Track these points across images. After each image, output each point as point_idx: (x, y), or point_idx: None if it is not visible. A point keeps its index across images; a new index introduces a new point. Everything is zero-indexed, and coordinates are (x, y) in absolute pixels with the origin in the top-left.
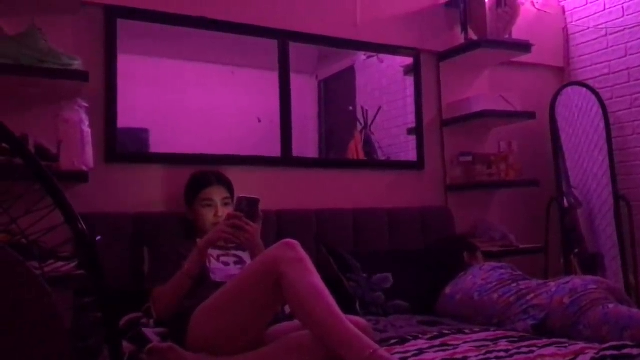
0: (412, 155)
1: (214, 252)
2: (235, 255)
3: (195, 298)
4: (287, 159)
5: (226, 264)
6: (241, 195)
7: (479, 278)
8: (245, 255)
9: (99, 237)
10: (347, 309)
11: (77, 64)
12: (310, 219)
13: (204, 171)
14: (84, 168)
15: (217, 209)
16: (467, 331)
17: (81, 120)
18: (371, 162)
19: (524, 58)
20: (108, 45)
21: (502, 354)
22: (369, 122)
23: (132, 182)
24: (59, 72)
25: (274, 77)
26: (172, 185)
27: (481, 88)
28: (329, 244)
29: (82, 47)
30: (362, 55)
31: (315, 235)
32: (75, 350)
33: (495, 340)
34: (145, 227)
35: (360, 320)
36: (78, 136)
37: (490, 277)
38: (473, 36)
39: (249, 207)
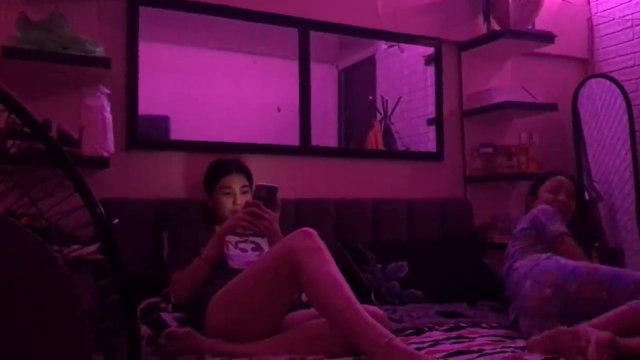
0: (431, 146)
1: (233, 239)
2: (253, 242)
3: (213, 284)
4: (305, 148)
5: (244, 250)
6: (260, 184)
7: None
8: (263, 242)
9: (116, 220)
10: (363, 300)
11: (100, 51)
12: (328, 209)
13: (224, 159)
14: (105, 154)
15: (236, 197)
16: (484, 325)
17: (103, 107)
18: (390, 152)
19: (547, 49)
20: (130, 32)
21: (518, 351)
22: (389, 112)
23: (153, 169)
24: (82, 59)
25: (294, 66)
26: (192, 172)
27: (503, 79)
28: (345, 235)
29: (104, 34)
30: (382, 45)
31: (333, 227)
32: (95, 332)
33: (513, 338)
34: (166, 213)
35: (377, 310)
36: (100, 122)
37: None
38: (495, 26)
39: (267, 195)
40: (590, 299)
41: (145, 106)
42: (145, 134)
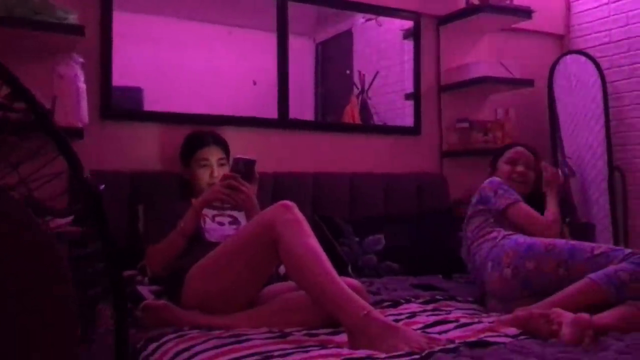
0: (409, 121)
1: (209, 212)
2: (230, 216)
3: (189, 257)
4: (283, 122)
5: (221, 224)
6: (237, 156)
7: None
8: (240, 216)
9: (102, 186)
10: (341, 272)
11: (72, 18)
12: (306, 183)
13: (200, 131)
14: (79, 124)
15: (213, 169)
16: (459, 299)
17: (76, 76)
18: (368, 126)
19: (525, 25)
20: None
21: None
22: (366, 86)
23: (128, 140)
24: (54, 26)
25: (271, 39)
26: (168, 144)
27: (481, 54)
28: (322, 209)
29: (77, 1)
30: (360, 19)
31: (311, 201)
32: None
33: (487, 312)
34: (142, 185)
35: (355, 282)
36: (73, 92)
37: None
38: (474, 1)
39: (245, 168)
40: (549, 275)
41: (118, 77)
42: (119, 105)
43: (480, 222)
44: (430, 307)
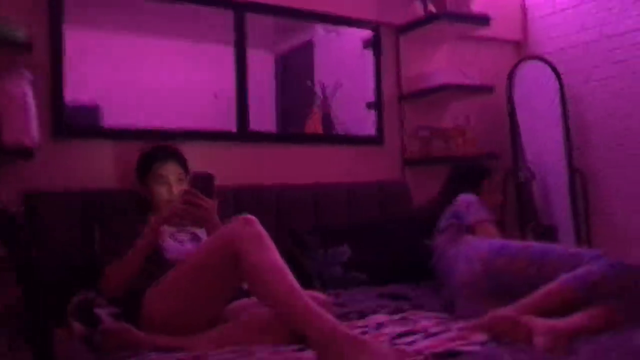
0: (371, 130)
1: (168, 230)
2: (190, 233)
3: (148, 277)
4: (243, 134)
5: (181, 241)
6: (196, 172)
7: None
8: (200, 232)
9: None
10: (306, 285)
11: (20, 34)
12: (269, 196)
13: (157, 146)
14: (28, 143)
15: (171, 186)
16: (425, 307)
17: (25, 93)
18: (330, 136)
19: (483, 32)
20: (53, 14)
21: (463, 332)
22: (328, 97)
23: (82, 158)
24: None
25: (230, 51)
26: (124, 161)
27: (441, 62)
28: (286, 222)
29: (25, 17)
30: (320, 30)
31: (274, 214)
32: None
33: (455, 319)
34: (96, 204)
35: (319, 295)
36: (21, 109)
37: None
38: (433, 9)
39: (204, 183)
40: (519, 274)
41: (74, 95)
42: (75, 123)
43: (450, 235)
44: (397, 317)
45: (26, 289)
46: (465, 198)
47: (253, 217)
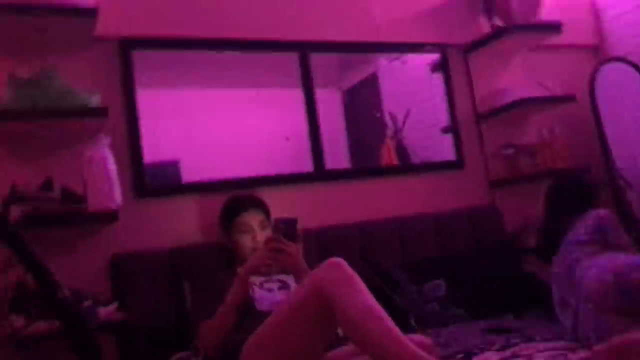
0: (449, 155)
1: (257, 280)
2: (279, 281)
3: (243, 331)
4: (320, 173)
5: (270, 290)
6: (278, 217)
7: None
8: (289, 279)
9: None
10: (402, 326)
11: (95, 100)
12: (352, 234)
13: (237, 196)
14: (112, 206)
15: (255, 233)
16: (537, 338)
17: (105, 158)
18: (407, 166)
19: (556, 40)
20: (125, 78)
21: None
22: (399, 126)
23: (165, 216)
24: (77, 111)
25: (296, 94)
26: (207, 214)
27: (515, 76)
28: (372, 259)
29: (98, 83)
30: (383, 61)
31: (359, 252)
32: None
33: (573, 349)
34: (183, 260)
35: (422, 338)
36: (103, 174)
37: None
38: (499, 23)
39: (287, 228)
40: None
41: (154, 153)
42: (154, 182)
43: (594, 248)
44: (508, 353)
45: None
46: (607, 214)
47: (341, 260)
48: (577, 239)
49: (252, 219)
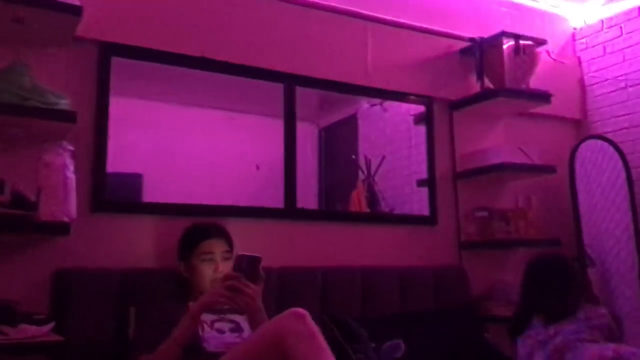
0: (419, 207)
1: (208, 318)
2: (231, 321)
3: None
4: (291, 211)
5: (221, 331)
6: (241, 253)
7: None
8: (242, 320)
9: None
10: None
11: (65, 103)
12: (315, 278)
13: (203, 222)
14: (65, 219)
15: (218, 264)
16: None
17: (65, 165)
18: (382, 215)
19: (541, 109)
20: (100, 84)
21: None
22: (372, 171)
23: (120, 234)
24: (43, 112)
25: (274, 124)
26: (165, 238)
27: (497, 139)
28: (333, 307)
29: (71, 85)
30: (365, 104)
31: (320, 298)
32: None
33: None
34: (133, 284)
35: None
36: (60, 182)
37: None
38: (489, 84)
39: (249, 266)
40: None
41: (117, 163)
42: (115, 193)
43: (591, 337)
44: None
45: None
46: (606, 314)
47: (305, 312)
48: (579, 336)
49: (216, 247)
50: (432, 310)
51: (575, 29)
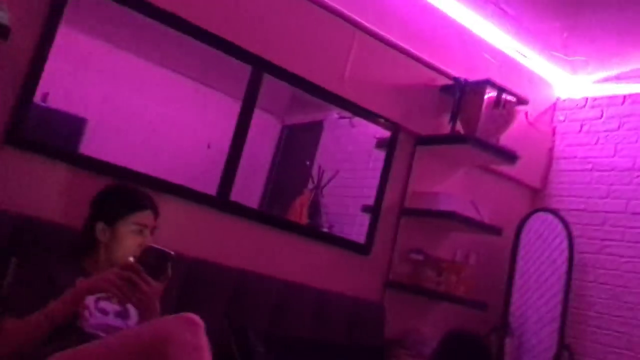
0: (360, 237)
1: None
2: (119, 304)
3: (54, 345)
4: (220, 202)
5: (104, 311)
6: (153, 245)
7: None
8: (131, 307)
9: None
10: None
11: (2, 16)
12: (227, 278)
13: (140, 191)
14: None
15: (145, 238)
16: None
17: None
18: (316, 231)
19: (503, 168)
20: (53, 8)
21: None
22: (322, 183)
23: (29, 177)
24: None
25: (236, 106)
26: (78, 193)
27: (453, 187)
28: (238, 316)
29: (21, 3)
30: (335, 114)
31: (226, 302)
32: None
33: None
34: (24, 232)
35: None
36: None
37: None
38: (460, 129)
39: (157, 261)
40: None
41: (62, 102)
42: (49, 130)
43: None
44: None
45: None
46: None
47: (199, 322)
48: None
49: (150, 221)
50: (341, 342)
51: (558, 98)
